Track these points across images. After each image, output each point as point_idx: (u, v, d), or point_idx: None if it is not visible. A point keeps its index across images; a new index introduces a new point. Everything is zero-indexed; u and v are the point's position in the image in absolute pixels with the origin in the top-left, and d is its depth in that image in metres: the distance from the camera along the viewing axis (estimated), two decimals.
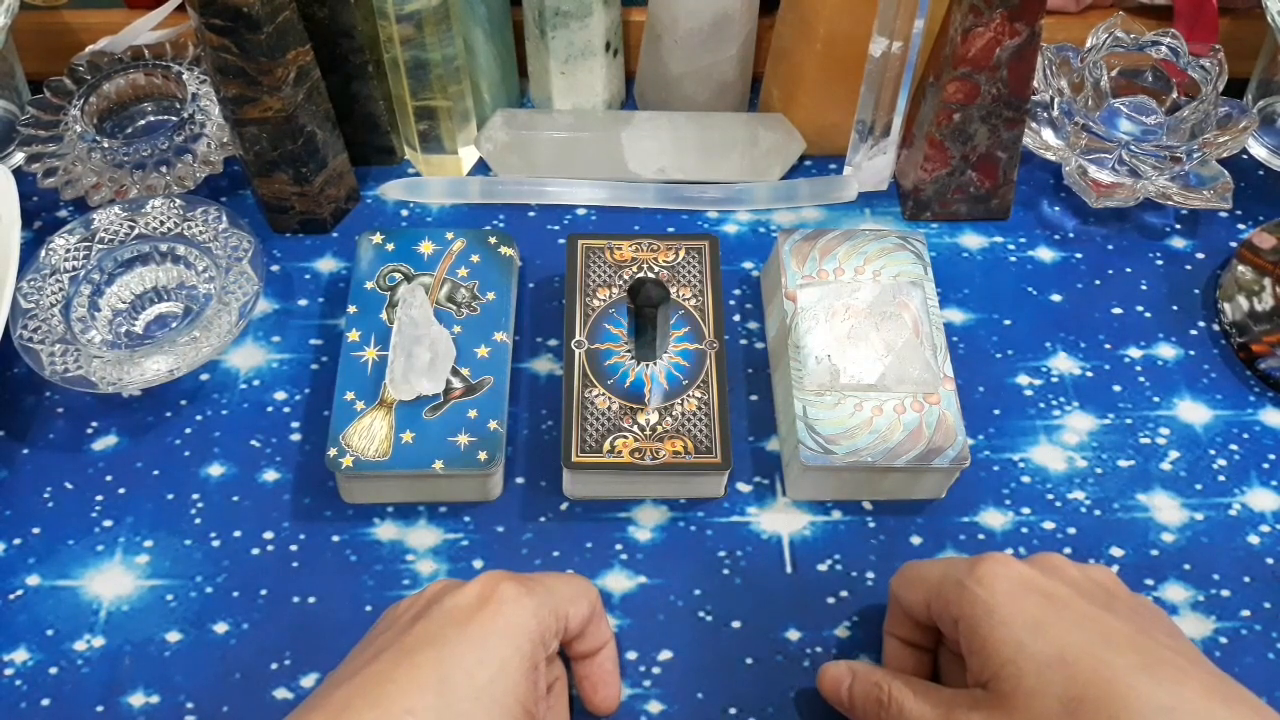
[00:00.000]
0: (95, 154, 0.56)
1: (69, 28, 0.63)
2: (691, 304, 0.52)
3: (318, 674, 0.45)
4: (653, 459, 0.47)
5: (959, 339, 0.55)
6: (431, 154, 0.60)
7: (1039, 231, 0.60)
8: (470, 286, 0.53)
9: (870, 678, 0.41)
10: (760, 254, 0.59)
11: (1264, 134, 0.63)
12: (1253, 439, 0.52)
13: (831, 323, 0.50)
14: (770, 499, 0.50)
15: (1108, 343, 0.56)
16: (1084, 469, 0.51)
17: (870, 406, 0.48)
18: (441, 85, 0.57)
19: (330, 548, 0.48)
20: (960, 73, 0.53)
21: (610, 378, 0.49)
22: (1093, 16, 0.63)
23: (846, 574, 0.48)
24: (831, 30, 0.56)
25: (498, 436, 0.48)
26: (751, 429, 0.52)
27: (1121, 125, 0.58)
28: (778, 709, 0.44)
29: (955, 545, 0.49)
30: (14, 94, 0.62)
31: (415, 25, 0.54)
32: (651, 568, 0.48)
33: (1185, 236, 0.60)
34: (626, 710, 0.44)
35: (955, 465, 0.47)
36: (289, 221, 0.58)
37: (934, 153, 0.57)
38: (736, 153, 0.60)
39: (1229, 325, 0.55)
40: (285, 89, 0.52)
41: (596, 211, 0.60)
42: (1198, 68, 0.58)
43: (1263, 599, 0.48)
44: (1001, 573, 0.38)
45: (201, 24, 0.50)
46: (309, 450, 0.51)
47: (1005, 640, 0.36)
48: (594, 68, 0.61)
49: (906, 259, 0.53)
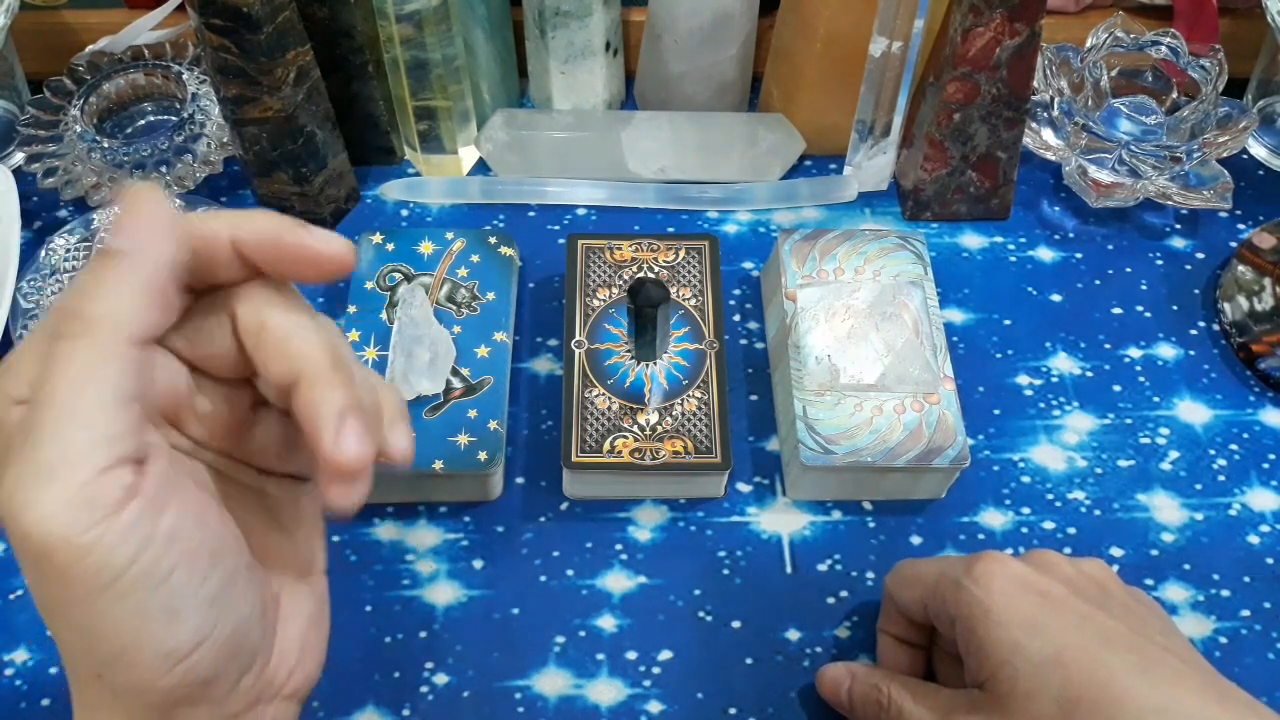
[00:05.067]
0: (95, 154, 0.56)
1: (69, 27, 0.63)
2: (691, 304, 0.52)
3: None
4: (653, 459, 0.47)
5: (959, 339, 0.55)
6: (431, 154, 0.60)
7: (1039, 231, 0.60)
8: (470, 286, 0.53)
9: (869, 680, 0.41)
10: (760, 254, 0.59)
11: (1264, 134, 0.63)
12: (1253, 439, 0.52)
13: (831, 323, 0.50)
14: (770, 499, 0.50)
15: (1108, 343, 0.56)
16: (1084, 469, 0.51)
17: (870, 406, 0.48)
18: (441, 85, 0.57)
19: (330, 548, 0.48)
20: (960, 72, 0.53)
21: (610, 378, 0.49)
22: (1092, 16, 0.63)
23: (846, 574, 0.48)
24: (832, 30, 0.56)
25: (498, 436, 0.48)
26: (751, 429, 0.52)
27: (1121, 125, 0.58)
28: (778, 709, 0.44)
29: (955, 545, 0.49)
30: (14, 94, 0.62)
31: (415, 25, 0.54)
32: (651, 568, 0.48)
33: (1185, 236, 0.60)
34: (626, 710, 0.44)
35: (955, 465, 0.47)
36: None
37: (934, 153, 0.57)
38: (736, 152, 0.60)
39: (1229, 325, 0.55)
40: (285, 89, 0.52)
41: (596, 211, 0.60)
42: (1198, 67, 0.58)
43: (1263, 599, 0.48)
44: (998, 572, 0.38)
45: (201, 24, 0.50)
46: None
47: (1002, 641, 0.36)
48: (594, 67, 0.61)
49: (906, 259, 0.53)
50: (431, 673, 0.45)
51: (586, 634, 0.46)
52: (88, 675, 0.27)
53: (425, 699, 0.44)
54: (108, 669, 0.27)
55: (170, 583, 0.26)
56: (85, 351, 0.25)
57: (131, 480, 0.25)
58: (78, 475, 0.25)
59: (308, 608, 0.33)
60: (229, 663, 0.28)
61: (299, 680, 0.32)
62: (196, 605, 0.27)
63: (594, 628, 0.46)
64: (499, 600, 0.47)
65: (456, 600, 0.47)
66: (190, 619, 0.27)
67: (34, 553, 0.25)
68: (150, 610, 0.26)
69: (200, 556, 0.27)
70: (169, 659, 0.27)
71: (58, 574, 0.25)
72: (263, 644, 0.30)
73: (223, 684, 0.28)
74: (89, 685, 0.27)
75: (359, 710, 0.44)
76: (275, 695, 0.31)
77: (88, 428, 0.25)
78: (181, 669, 0.27)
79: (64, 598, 0.25)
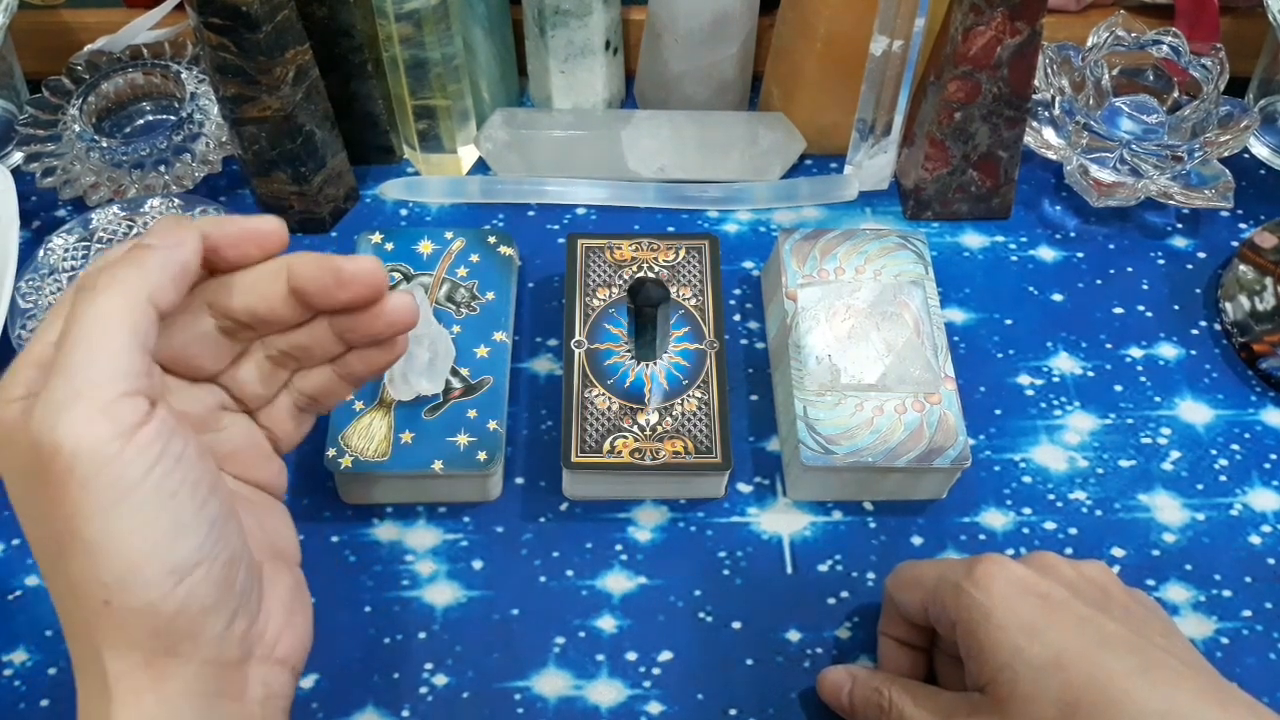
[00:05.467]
0: (94, 153, 0.56)
1: (67, 27, 0.63)
2: (691, 304, 0.52)
3: (317, 674, 0.45)
4: (653, 459, 0.47)
5: (960, 339, 0.55)
6: (431, 153, 0.60)
7: (1040, 231, 0.60)
8: (470, 286, 0.53)
9: (870, 683, 0.41)
10: (760, 253, 0.58)
11: (1265, 133, 0.63)
12: (1254, 439, 0.52)
13: (832, 322, 0.50)
14: (770, 499, 0.50)
15: (1109, 342, 0.55)
16: (1085, 469, 0.51)
17: (871, 406, 0.48)
18: (441, 84, 0.57)
19: (329, 548, 0.48)
20: (961, 71, 0.53)
21: (610, 378, 0.49)
22: (1094, 15, 0.62)
23: (847, 574, 0.48)
24: (832, 29, 0.56)
25: (497, 436, 0.48)
26: (751, 429, 0.52)
27: (1123, 124, 0.58)
28: (778, 710, 0.44)
29: (956, 545, 0.49)
30: (12, 93, 0.62)
31: (414, 24, 0.54)
32: (651, 568, 0.48)
33: (1186, 236, 0.60)
34: (626, 711, 0.44)
35: (956, 465, 0.47)
36: (288, 221, 0.57)
37: (935, 152, 0.57)
38: (736, 152, 0.60)
39: (1230, 325, 0.55)
40: (284, 88, 0.52)
41: (596, 211, 0.60)
42: (1199, 66, 0.57)
43: (1264, 599, 0.47)
44: (998, 574, 0.38)
45: (200, 23, 0.49)
46: (308, 450, 0.51)
47: (1002, 644, 0.36)
48: (594, 66, 0.60)
49: (907, 258, 0.53)
50: (431, 673, 0.45)
51: (586, 635, 0.46)
52: (96, 606, 0.29)
53: (425, 700, 0.44)
54: (117, 588, 0.29)
55: (178, 500, 0.29)
56: (110, 300, 0.29)
57: (147, 408, 0.29)
58: (103, 395, 0.28)
59: (288, 580, 0.35)
60: (225, 594, 0.31)
61: (290, 644, 0.34)
62: (198, 525, 0.30)
63: (594, 628, 0.46)
64: (499, 601, 0.47)
65: (456, 601, 0.47)
66: (193, 538, 0.29)
67: (63, 466, 0.28)
68: (160, 524, 0.29)
69: (202, 484, 0.30)
70: (174, 574, 0.29)
71: (82, 484, 0.28)
72: (252, 590, 0.32)
73: (218, 619, 0.31)
74: (94, 623, 0.29)
75: (359, 710, 0.44)
76: (268, 656, 0.33)
77: (111, 360, 0.28)
78: (184, 588, 0.29)
79: (85, 510, 0.28)
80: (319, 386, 0.37)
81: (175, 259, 0.31)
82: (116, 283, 0.29)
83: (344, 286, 0.33)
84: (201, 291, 0.33)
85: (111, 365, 0.28)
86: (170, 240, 0.31)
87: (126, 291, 0.29)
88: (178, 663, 0.30)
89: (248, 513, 0.34)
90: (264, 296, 0.33)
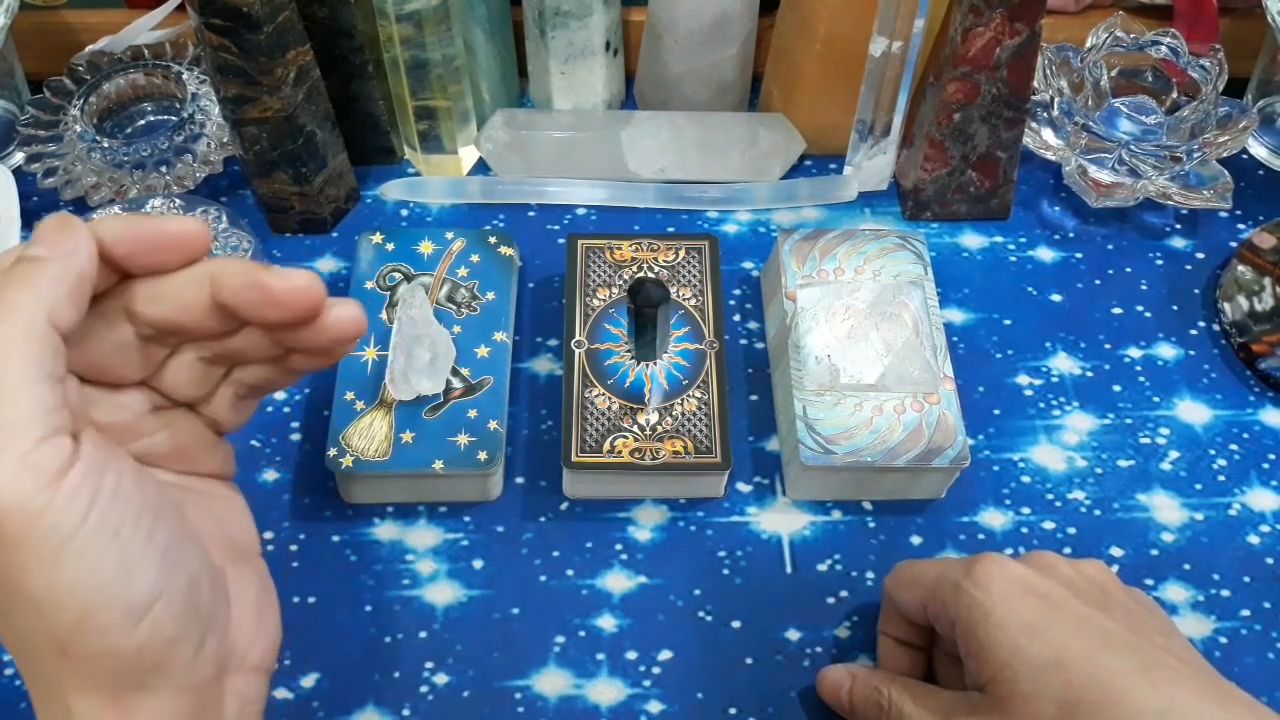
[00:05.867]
0: (95, 154, 0.56)
1: (69, 27, 0.63)
2: (691, 304, 0.52)
3: (318, 674, 0.45)
4: (653, 459, 0.47)
5: (959, 339, 0.55)
6: (431, 154, 0.60)
7: (1039, 231, 0.60)
8: (470, 286, 0.53)
9: (870, 682, 0.41)
10: (760, 254, 0.59)
11: (1264, 134, 0.63)
12: (1253, 439, 0.52)
13: (831, 323, 0.50)
14: (770, 499, 0.50)
15: (1108, 343, 0.56)
16: (1084, 469, 0.51)
17: (870, 406, 0.48)
18: (441, 85, 0.57)
19: (330, 548, 0.48)
20: (960, 72, 0.53)
21: (610, 378, 0.49)
22: (1092, 16, 0.63)
23: (846, 574, 0.48)
24: (831, 30, 0.56)
25: (498, 436, 0.48)
26: (751, 429, 0.52)
27: (1121, 125, 0.58)
28: (778, 709, 0.44)
29: (955, 545, 0.49)
30: (14, 94, 0.62)
31: (415, 25, 0.54)
32: (651, 568, 0.48)
33: (1185, 236, 0.60)
34: (626, 710, 0.44)
35: (955, 465, 0.47)
36: (289, 221, 0.58)
37: (934, 152, 0.57)
38: (736, 152, 0.60)
39: (1229, 325, 0.55)
40: (285, 89, 0.52)
41: (596, 211, 0.60)
42: (1198, 67, 0.58)
43: (1263, 599, 0.48)
44: (997, 574, 0.38)
45: (201, 24, 0.50)
46: (309, 450, 0.51)
47: (1002, 643, 0.36)
48: (594, 67, 0.61)
49: (906, 259, 0.53)
50: (431, 672, 0.45)
51: (586, 634, 0.46)
52: (51, 654, 0.27)
53: (425, 699, 0.44)
54: (72, 639, 0.27)
55: (121, 539, 0.27)
56: (5, 331, 0.26)
57: (70, 448, 0.27)
58: (18, 445, 0.26)
59: (254, 581, 0.34)
60: (189, 621, 0.29)
61: (261, 649, 0.33)
62: (148, 559, 0.28)
63: (594, 628, 0.46)
64: (499, 600, 0.47)
65: (456, 600, 0.47)
66: (145, 574, 0.27)
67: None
68: (106, 568, 0.27)
69: (145, 514, 0.28)
70: (131, 614, 0.27)
71: (14, 542, 0.26)
72: (217, 606, 0.31)
73: (186, 646, 0.29)
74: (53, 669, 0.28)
75: (359, 710, 0.44)
76: (241, 665, 0.32)
77: (18, 404, 0.26)
78: (145, 626, 0.27)
79: (23, 566, 0.26)
80: (261, 379, 0.34)
81: (70, 270, 0.27)
82: (8, 309, 0.26)
83: (274, 306, 0.29)
84: (117, 297, 0.30)
85: (21, 409, 0.26)
86: (61, 249, 0.28)
87: (21, 319, 0.26)
88: (145, 695, 0.28)
89: (200, 509, 0.33)
90: (185, 307, 0.30)
